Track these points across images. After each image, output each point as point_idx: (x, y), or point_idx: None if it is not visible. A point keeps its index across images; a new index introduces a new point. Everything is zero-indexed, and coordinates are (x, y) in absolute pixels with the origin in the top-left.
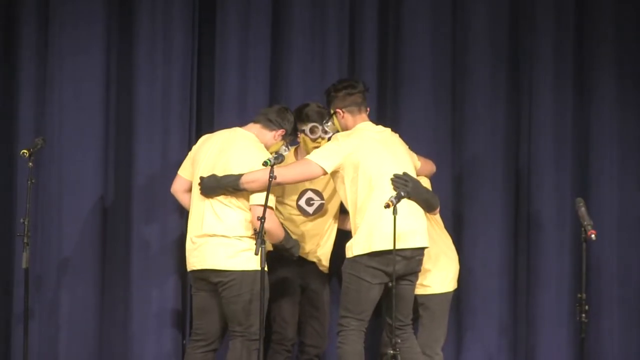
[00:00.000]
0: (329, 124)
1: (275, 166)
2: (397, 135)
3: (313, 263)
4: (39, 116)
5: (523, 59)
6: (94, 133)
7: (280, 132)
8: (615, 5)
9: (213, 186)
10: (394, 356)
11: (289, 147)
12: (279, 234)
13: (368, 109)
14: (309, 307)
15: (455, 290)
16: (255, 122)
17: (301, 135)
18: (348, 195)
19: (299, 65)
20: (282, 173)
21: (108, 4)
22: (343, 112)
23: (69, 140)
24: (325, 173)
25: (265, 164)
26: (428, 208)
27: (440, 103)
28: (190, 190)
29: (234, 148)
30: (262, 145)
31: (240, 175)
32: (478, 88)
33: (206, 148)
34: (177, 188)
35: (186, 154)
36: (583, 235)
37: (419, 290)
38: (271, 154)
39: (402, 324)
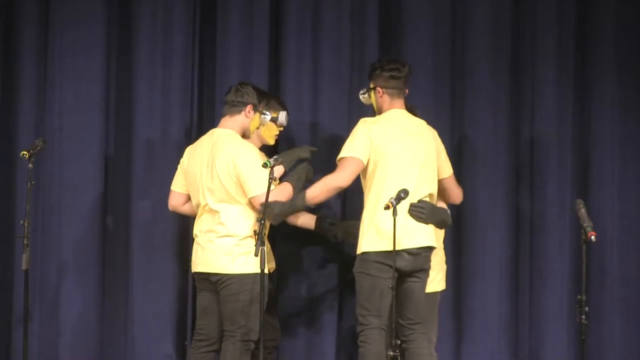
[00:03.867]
0: (365, 95)
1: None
2: (431, 132)
3: None
4: (39, 117)
5: (524, 59)
6: (94, 133)
7: (248, 108)
8: (616, 5)
9: (284, 212)
10: (394, 357)
11: (267, 112)
12: (289, 192)
13: (407, 91)
14: None
15: (442, 291)
16: (223, 115)
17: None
18: (365, 188)
19: (299, 66)
20: (338, 177)
21: (108, 5)
22: (382, 92)
23: (69, 141)
24: (364, 165)
25: (265, 165)
26: (441, 226)
27: (440, 103)
28: (187, 201)
29: (220, 153)
30: (243, 140)
31: (304, 195)
32: (478, 88)
33: (197, 158)
34: (176, 204)
35: None
36: (583, 237)
37: None
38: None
39: (412, 323)
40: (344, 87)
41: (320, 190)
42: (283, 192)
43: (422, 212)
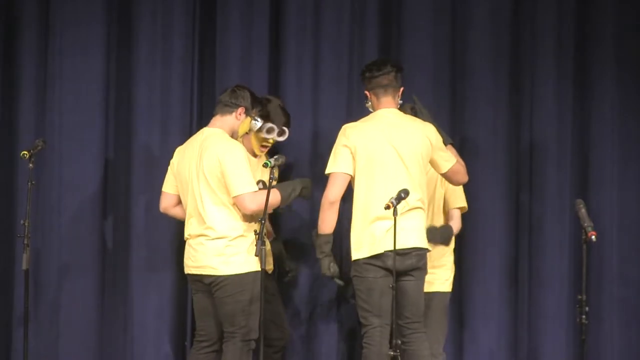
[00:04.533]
0: (369, 103)
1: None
2: (426, 129)
3: None
4: (39, 117)
5: (524, 59)
6: (94, 134)
7: (240, 110)
8: (616, 5)
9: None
10: (394, 357)
11: (258, 119)
12: (276, 200)
13: (401, 89)
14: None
15: (451, 292)
16: (214, 114)
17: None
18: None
19: (298, 66)
20: (327, 194)
21: (108, 5)
22: (370, 94)
23: (69, 141)
24: (352, 176)
25: (265, 165)
26: (447, 244)
27: (440, 103)
28: (178, 203)
29: (207, 152)
30: (231, 139)
31: (317, 231)
32: (478, 88)
33: (187, 158)
34: (167, 205)
35: None
36: (583, 237)
37: None
38: (244, 135)
39: (410, 322)
40: (344, 87)
41: (322, 215)
42: (272, 196)
43: (429, 238)
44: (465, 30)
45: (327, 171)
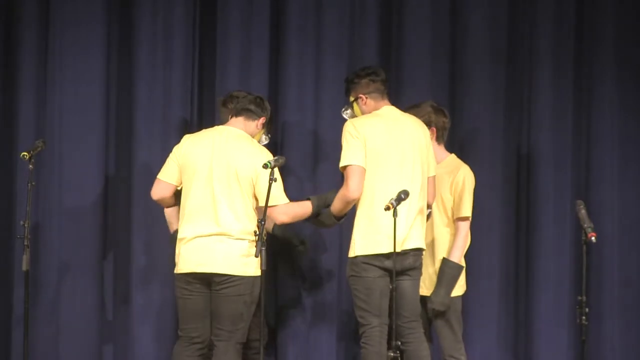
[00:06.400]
0: (348, 111)
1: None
2: (423, 129)
3: None
4: (39, 118)
5: (523, 59)
6: (94, 134)
7: (262, 120)
8: (616, 5)
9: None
10: (394, 358)
11: (269, 135)
12: (306, 212)
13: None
14: None
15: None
16: (235, 116)
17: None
18: None
19: (298, 67)
20: (349, 190)
21: (108, 5)
22: (366, 97)
23: (69, 142)
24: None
25: (265, 166)
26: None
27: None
28: (173, 194)
29: (243, 154)
30: (264, 147)
31: (330, 214)
32: (478, 88)
33: (198, 150)
34: (165, 195)
35: None
36: (583, 238)
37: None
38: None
39: (408, 321)
40: (344, 87)
41: (340, 205)
42: (302, 208)
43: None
44: (464, 31)
45: (342, 164)
